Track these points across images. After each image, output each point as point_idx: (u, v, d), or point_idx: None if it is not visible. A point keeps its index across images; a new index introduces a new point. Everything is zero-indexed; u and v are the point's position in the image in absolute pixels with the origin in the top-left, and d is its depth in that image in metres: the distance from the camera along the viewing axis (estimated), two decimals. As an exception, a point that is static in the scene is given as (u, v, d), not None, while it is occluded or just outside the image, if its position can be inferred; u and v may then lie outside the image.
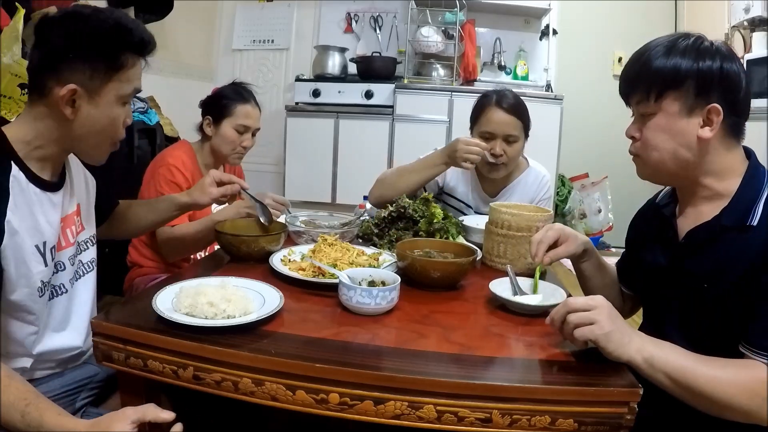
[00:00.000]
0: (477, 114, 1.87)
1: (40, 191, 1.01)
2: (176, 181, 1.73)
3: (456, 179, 1.99)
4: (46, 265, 1.02)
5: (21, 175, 0.98)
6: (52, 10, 2.16)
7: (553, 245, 1.19)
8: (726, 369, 0.87)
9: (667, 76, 0.98)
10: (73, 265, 1.12)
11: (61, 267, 1.08)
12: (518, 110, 1.81)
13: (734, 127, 1.00)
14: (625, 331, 0.89)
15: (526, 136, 1.87)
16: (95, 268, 1.21)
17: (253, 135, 1.93)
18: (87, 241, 1.18)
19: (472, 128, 1.90)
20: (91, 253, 1.19)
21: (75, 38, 0.97)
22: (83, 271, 1.17)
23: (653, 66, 0.99)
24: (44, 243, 1.01)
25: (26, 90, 1.83)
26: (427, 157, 1.84)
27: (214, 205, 1.78)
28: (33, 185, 1.00)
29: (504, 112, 1.79)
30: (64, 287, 1.10)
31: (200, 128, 1.91)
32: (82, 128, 1.01)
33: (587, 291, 1.32)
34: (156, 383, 0.94)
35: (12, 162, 0.97)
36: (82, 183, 1.18)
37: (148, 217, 1.40)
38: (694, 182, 1.03)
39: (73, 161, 1.17)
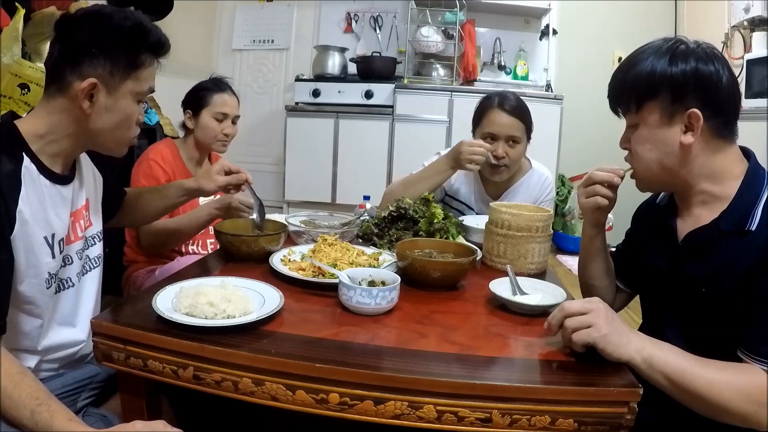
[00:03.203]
0: (479, 116, 1.87)
1: (50, 184, 1.03)
2: (154, 174, 1.78)
3: (459, 182, 1.99)
4: (53, 257, 1.03)
5: (32, 167, 1.00)
6: (52, 10, 2.16)
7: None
8: (725, 372, 0.87)
9: (642, 85, 0.98)
10: (80, 259, 1.14)
11: (69, 261, 1.10)
12: (520, 112, 1.82)
13: (720, 128, 0.98)
14: (623, 332, 0.88)
15: (529, 138, 1.87)
16: (101, 264, 1.22)
17: (234, 122, 1.98)
18: (94, 237, 1.20)
19: (474, 130, 1.91)
20: (98, 249, 1.21)
21: (99, 34, 1.01)
22: (90, 266, 1.19)
23: (630, 77, 1.00)
24: (53, 235, 1.03)
25: (26, 90, 1.84)
26: (433, 164, 1.84)
27: (201, 198, 1.80)
28: (44, 177, 1.02)
29: (506, 114, 1.80)
30: (71, 281, 1.12)
31: (183, 125, 1.97)
32: (98, 123, 1.04)
33: (587, 272, 1.30)
34: (156, 383, 0.94)
35: (24, 153, 0.99)
36: (91, 178, 1.20)
37: (157, 204, 1.42)
38: (689, 187, 1.03)
39: (83, 157, 1.18)
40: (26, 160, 0.99)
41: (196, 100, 1.93)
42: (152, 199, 1.42)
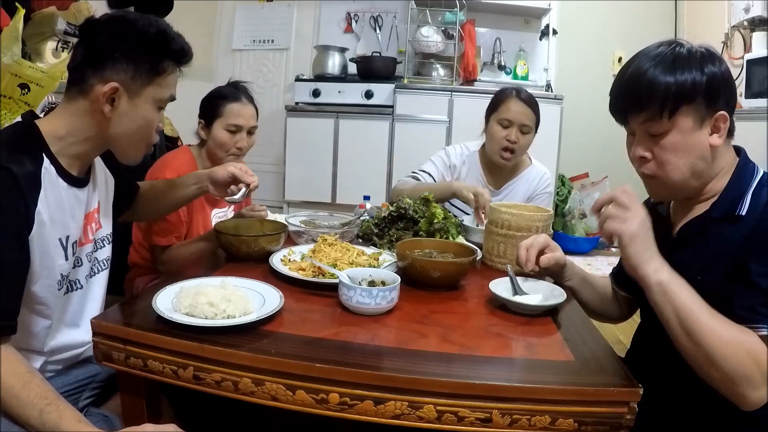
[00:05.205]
0: (496, 103, 2.02)
1: (67, 186, 1.04)
2: None
3: (466, 173, 2.12)
4: (66, 259, 1.04)
5: (52, 168, 1.01)
6: (52, 10, 2.16)
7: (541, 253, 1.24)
8: (729, 326, 0.86)
9: (680, 91, 0.95)
10: (89, 261, 1.15)
11: (79, 263, 1.11)
12: (534, 104, 1.99)
13: (731, 128, 1.01)
14: (649, 246, 0.91)
15: (536, 131, 2.02)
16: (109, 266, 1.23)
17: (250, 134, 1.82)
18: (104, 239, 1.21)
19: (488, 117, 2.04)
20: (106, 251, 1.22)
21: (123, 39, 1.02)
22: (98, 269, 1.19)
23: (662, 83, 0.95)
24: (67, 237, 1.04)
25: (26, 90, 1.84)
26: (439, 187, 1.96)
27: (214, 220, 1.78)
28: (62, 179, 1.03)
29: (522, 103, 1.96)
30: (79, 283, 1.12)
31: (197, 133, 1.87)
32: (118, 127, 1.05)
33: (580, 303, 1.31)
34: (156, 383, 0.94)
35: (44, 155, 1.00)
36: (103, 181, 1.21)
37: (169, 195, 1.40)
38: (701, 189, 1.03)
39: (97, 159, 1.19)
40: (46, 162, 0.99)
41: (209, 109, 1.78)
42: (165, 190, 1.41)
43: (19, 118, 1.06)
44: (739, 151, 1.05)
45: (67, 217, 1.04)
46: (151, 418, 0.97)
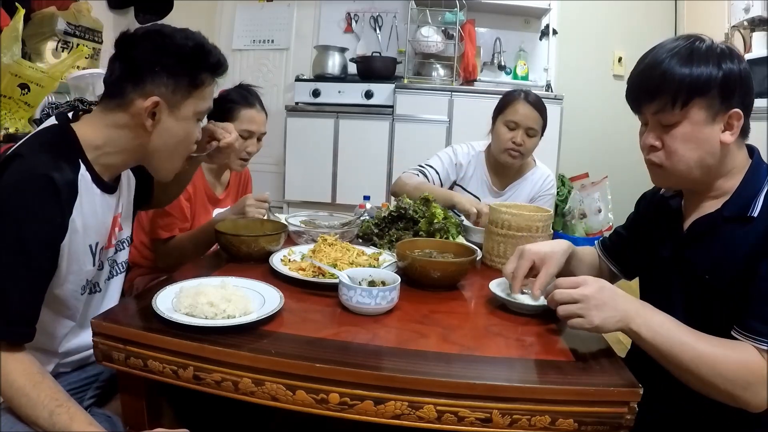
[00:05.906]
0: (504, 105, 2.02)
1: (101, 193, 1.05)
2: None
3: (471, 173, 2.13)
4: (94, 264, 1.05)
5: (87, 176, 1.01)
6: (52, 10, 2.16)
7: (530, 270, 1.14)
8: (715, 349, 0.89)
9: (694, 84, 0.95)
10: (109, 265, 1.16)
11: (101, 267, 1.12)
12: (541, 108, 1.99)
13: (745, 127, 1.01)
14: (614, 314, 0.91)
15: (542, 134, 2.03)
16: (126, 269, 1.24)
17: (259, 139, 1.86)
18: (123, 242, 1.21)
19: (495, 118, 2.05)
20: (125, 254, 1.22)
21: (162, 53, 1.02)
22: (116, 271, 1.20)
23: (677, 74, 0.96)
24: (96, 243, 1.05)
25: (26, 90, 1.84)
26: (443, 193, 1.96)
27: (214, 213, 1.78)
28: (96, 186, 1.03)
29: (530, 106, 1.97)
30: (99, 286, 1.13)
31: None
32: (159, 140, 1.06)
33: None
34: (156, 383, 0.94)
35: (80, 161, 1.00)
36: (126, 183, 1.21)
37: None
38: (710, 185, 1.04)
39: None
40: (82, 168, 1.00)
41: (221, 113, 1.74)
42: None
43: (54, 120, 1.05)
44: (752, 151, 1.05)
45: (99, 223, 1.05)
46: (151, 419, 0.97)
